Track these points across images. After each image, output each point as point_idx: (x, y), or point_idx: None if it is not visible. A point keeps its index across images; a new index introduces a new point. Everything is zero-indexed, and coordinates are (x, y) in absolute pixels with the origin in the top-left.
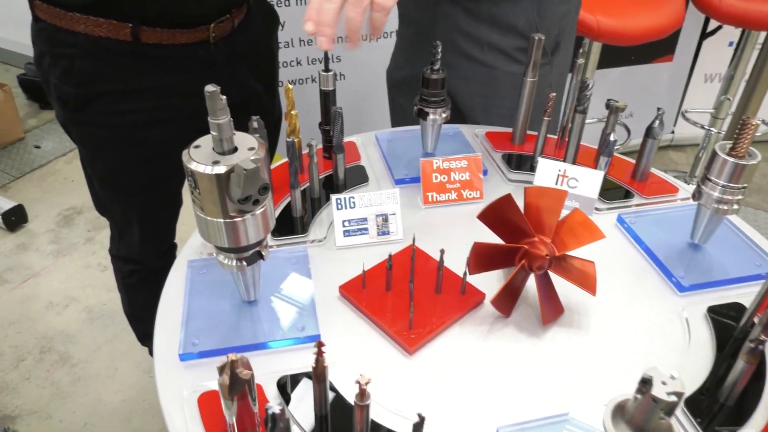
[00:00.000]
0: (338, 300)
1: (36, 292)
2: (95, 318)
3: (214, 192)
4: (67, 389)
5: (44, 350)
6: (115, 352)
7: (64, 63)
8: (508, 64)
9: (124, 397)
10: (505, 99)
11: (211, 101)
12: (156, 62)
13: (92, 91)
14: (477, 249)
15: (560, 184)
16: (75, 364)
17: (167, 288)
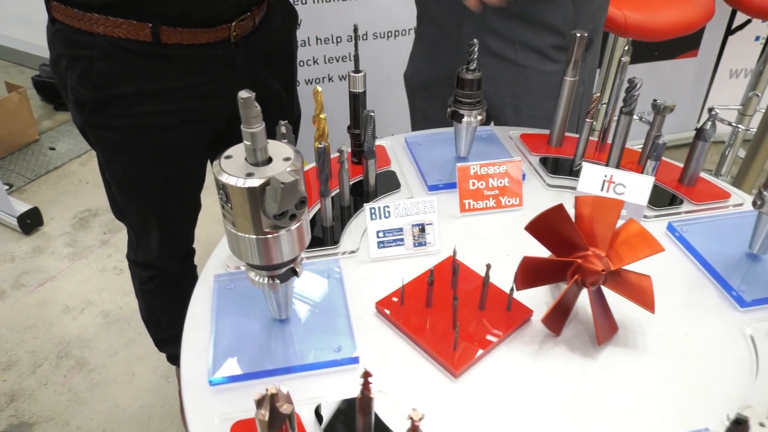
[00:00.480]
0: (375, 317)
1: (52, 296)
2: (111, 322)
3: (247, 207)
4: (84, 395)
5: (61, 355)
6: (132, 357)
7: (82, 65)
8: (541, 63)
9: (141, 403)
10: (537, 99)
11: (245, 108)
12: (176, 63)
13: (110, 93)
14: (526, 263)
15: (606, 190)
16: (92, 370)
17: (193, 306)
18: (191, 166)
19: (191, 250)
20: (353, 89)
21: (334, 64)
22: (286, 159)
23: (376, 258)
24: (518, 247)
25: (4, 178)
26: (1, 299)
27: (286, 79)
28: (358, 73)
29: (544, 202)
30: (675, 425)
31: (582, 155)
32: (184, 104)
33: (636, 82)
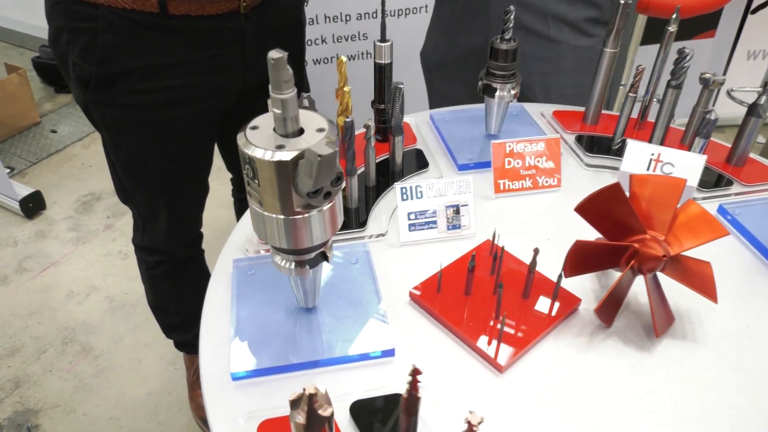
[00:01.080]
0: (408, 305)
1: (56, 281)
2: (117, 308)
3: (276, 183)
4: (90, 382)
5: (66, 341)
6: (138, 343)
7: (85, 39)
8: (575, 37)
9: (148, 390)
10: (568, 76)
11: (276, 70)
12: (183, 36)
13: (115, 68)
14: (578, 248)
15: (653, 169)
16: (98, 356)
17: (211, 293)
18: (199, 146)
19: (199, 234)
20: (379, 60)
21: (343, 44)
22: (320, 130)
23: (406, 242)
24: (559, 230)
25: (5, 161)
26: (4, 284)
27: (295, 54)
28: (385, 43)
29: (583, 182)
30: (742, 426)
31: (622, 133)
32: (192, 79)
33: (687, 52)
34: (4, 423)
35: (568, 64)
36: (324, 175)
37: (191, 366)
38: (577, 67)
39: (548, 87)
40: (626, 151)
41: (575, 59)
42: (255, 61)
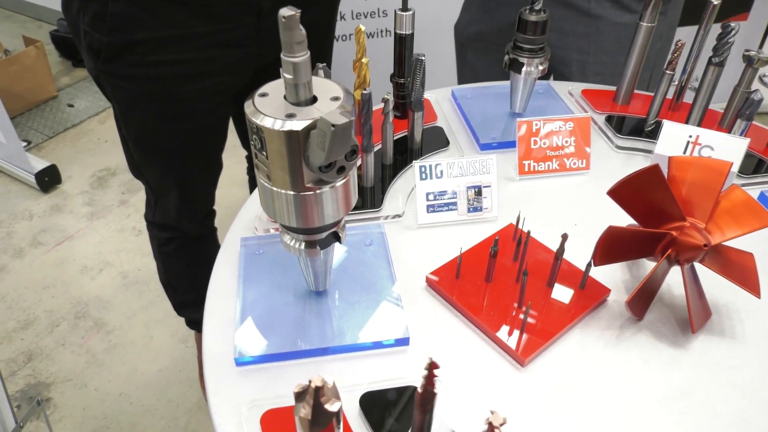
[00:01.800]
0: (425, 291)
1: (70, 256)
2: (130, 284)
3: (286, 155)
4: (102, 357)
5: (79, 316)
6: (150, 320)
7: (96, 7)
8: (616, 13)
9: (159, 367)
10: (607, 55)
11: (287, 30)
12: (196, 7)
13: (126, 39)
14: (610, 235)
15: (690, 152)
16: (110, 331)
17: (216, 273)
18: (212, 123)
19: (211, 212)
20: (400, 30)
21: (362, 20)
22: (334, 98)
23: (424, 224)
24: (587, 215)
25: (21, 134)
26: (20, 257)
27: (321, 30)
28: (406, 12)
29: (613, 165)
30: None
31: (657, 113)
32: (205, 53)
33: (732, 27)
34: (16, 395)
35: (608, 42)
36: (338, 147)
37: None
38: (616, 45)
39: (585, 66)
40: (662, 132)
41: (615, 37)
42: (272, 36)
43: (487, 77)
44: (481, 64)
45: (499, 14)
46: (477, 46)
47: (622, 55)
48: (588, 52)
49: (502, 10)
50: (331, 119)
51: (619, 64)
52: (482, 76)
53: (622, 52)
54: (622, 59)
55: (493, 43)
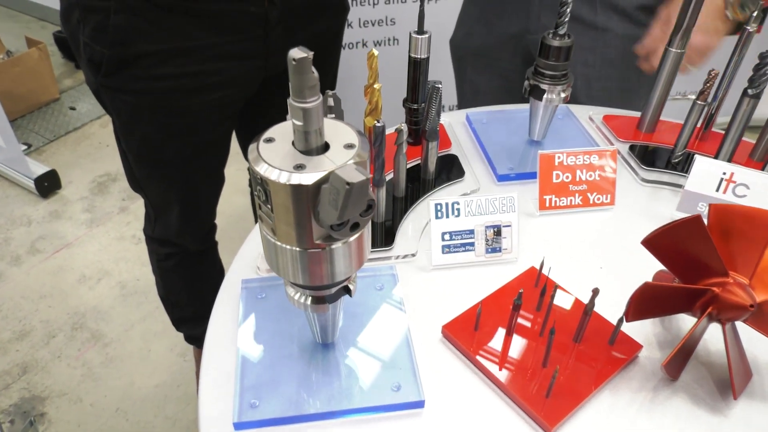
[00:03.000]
0: (441, 344)
1: (68, 264)
2: (128, 294)
3: (293, 211)
4: (98, 370)
5: (76, 327)
6: (149, 333)
7: (97, 18)
8: (624, 26)
9: (157, 382)
10: (614, 68)
11: (297, 74)
12: (201, 19)
13: (129, 52)
14: (646, 292)
15: (723, 191)
16: (107, 344)
17: (215, 318)
18: (216, 137)
19: (213, 226)
20: (415, 54)
21: (369, 29)
22: (348, 146)
23: (439, 265)
24: (613, 257)
25: (22, 137)
26: (17, 264)
27: (329, 41)
28: (422, 35)
29: (638, 200)
30: None
31: (685, 144)
32: (211, 66)
33: None
34: (10, 409)
35: (614, 55)
36: (352, 207)
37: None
38: (623, 58)
39: (590, 79)
40: (693, 167)
41: (622, 50)
42: (279, 48)
43: (489, 94)
44: (483, 80)
45: (499, 28)
46: (478, 61)
47: (628, 69)
48: (593, 65)
49: (502, 23)
50: (346, 176)
51: (625, 77)
52: (484, 93)
53: (629, 66)
54: (628, 73)
55: (493, 58)
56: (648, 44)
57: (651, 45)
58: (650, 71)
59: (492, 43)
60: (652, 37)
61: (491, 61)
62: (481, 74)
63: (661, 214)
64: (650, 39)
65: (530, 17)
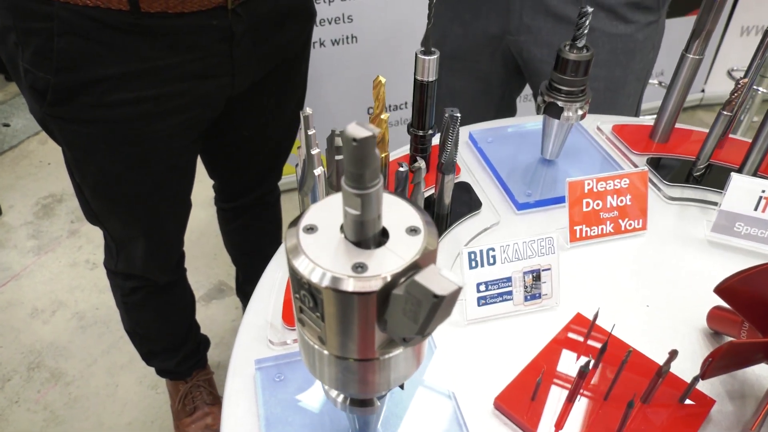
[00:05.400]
0: (493, 417)
1: (18, 297)
2: (87, 326)
3: (354, 321)
4: (62, 413)
5: (32, 367)
6: (114, 366)
7: (37, 42)
8: (611, 24)
9: (128, 419)
10: (602, 67)
11: (358, 156)
12: (159, 38)
13: (78, 78)
14: (731, 350)
15: (762, 210)
16: (69, 382)
17: (228, 412)
18: (182, 162)
19: (181, 255)
20: (422, 77)
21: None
22: (412, 231)
23: (474, 319)
24: (656, 291)
25: None
26: None
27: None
28: (430, 55)
29: (669, 221)
30: None
31: (709, 156)
32: (173, 87)
33: None
34: None
35: (602, 54)
36: (438, 319)
37: (176, 393)
38: (611, 57)
39: None
40: (729, 185)
41: (610, 48)
42: (246, 63)
43: (467, 98)
44: (459, 84)
45: (476, 28)
46: (454, 64)
47: (617, 67)
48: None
49: (478, 23)
50: (432, 286)
51: (614, 77)
52: (460, 97)
53: (618, 64)
54: (616, 71)
55: (472, 61)
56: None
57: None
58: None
59: (469, 45)
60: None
61: (469, 64)
62: (457, 78)
63: (695, 236)
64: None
65: (510, 17)
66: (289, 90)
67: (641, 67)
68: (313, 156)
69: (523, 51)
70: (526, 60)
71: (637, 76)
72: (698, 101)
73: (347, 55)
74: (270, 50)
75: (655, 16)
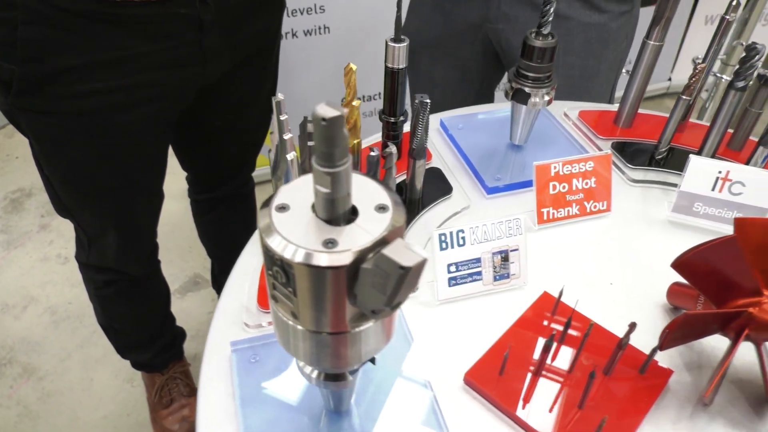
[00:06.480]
0: (463, 392)
1: None
2: (60, 320)
3: (325, 295)
4: (36, 408)
5: (4, 362)
6: (89, 360)
7: (2, 32)
8: (586, 13)
9: (104, 413)
10: (576, 56)
11: (327, 136)
12: (127, 26)
13: (43, 68)
14: (686, 321)
15: (719, 189)
16: (42, 377)
17: (205, 395)
18: (153, 153)
19: (155, 247)
20: (392, 65)
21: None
22: (381, 208)
23: (445, 299)
24: (620, 268)
25: None
26: None
27: (270, 39)
28: (399, 43)
29: (632, 203)
30: None
31: (670, 139)
32: (143, 77)
33: (759, 48)
34: None
35: (577, 43)
36: (405, 290)
37: (152, 385)
38: (585, 46)
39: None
40: (688, 167)
41: (584, 37)
42: (216, 52)
43: (446, 86)
44: (438, 72)
45: (456, 16)
46: (433, 52)
47: (591, 56)
48: (557, 54)
49: (458, 11)
50: (399, 258)
51: (588, 65)
52: (439, 85)
53: (592, 53)
54: (590, 60)
55: (452, 47)
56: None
57: None
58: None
59: (449, 33)
60: None
61: (449, 51)
62: (436, 65)
63: (657, 216)
64: None
65: (489, 5)
66: (261, 80)
67: (615, 56)
68: (286, 141)
69: (501, 39)
70: (504, 48)
71: (610, 65)
72: (665, 89)
73: (319, 45)
74: (240, 40)
75: (628, 6)
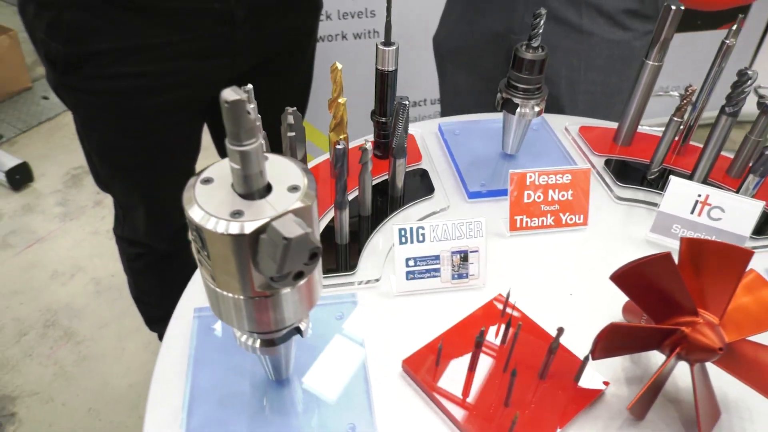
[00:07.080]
0: (401, 379)
1: (41, 259)
2: (103, 291)
3: (232, 260)
4: (71, 369)
5: (48, 324)
6: (123, 330)
7: (50, 14)
8: (609, 30)
9: (131, 382)
10: (599, 72)
11: (232, 118)
12: (161, 16)
13: (84, 49)
14: (612, 331)
15: (699, 213)
16: (80, 342)
17: (165, 350)
18: (182, 135)
19: (183, 226)
20: (381, 66)
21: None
22: (293, 189)
23: (402, 291)
24: (584, 282)
25: None
26: None
27: (303, 35)
28: (389, 46)
29: (613, 219)
30: None
31: (661, 161)
32: (171, 65)
33: (750, 74)
34: None
35: (599, 60)
36: (292, 260)
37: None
38: (608, 63)
39: (574, 84)
40: (668, 188)
41: (607, 54)
42: (248, 45)
43: (469, 94)
44: (463, 79)
45: (480, 26)
46: (458, 60)
47: (613, 73)
48: (578, 69)
49: (483, 21)
50: (283, 230)
51: (610, 82)
52: (463, 94)
53: (614, 70)
54: (612, 77)
55: (475, 56)
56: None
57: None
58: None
59: (474, 42)
60: None
61: (473, 60)
62: (462, 73)
63: (635, 235)
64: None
65: (514, 17)
66: (291, 77)
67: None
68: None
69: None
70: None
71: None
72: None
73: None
74: (271, 36)
75: (652, 25)
